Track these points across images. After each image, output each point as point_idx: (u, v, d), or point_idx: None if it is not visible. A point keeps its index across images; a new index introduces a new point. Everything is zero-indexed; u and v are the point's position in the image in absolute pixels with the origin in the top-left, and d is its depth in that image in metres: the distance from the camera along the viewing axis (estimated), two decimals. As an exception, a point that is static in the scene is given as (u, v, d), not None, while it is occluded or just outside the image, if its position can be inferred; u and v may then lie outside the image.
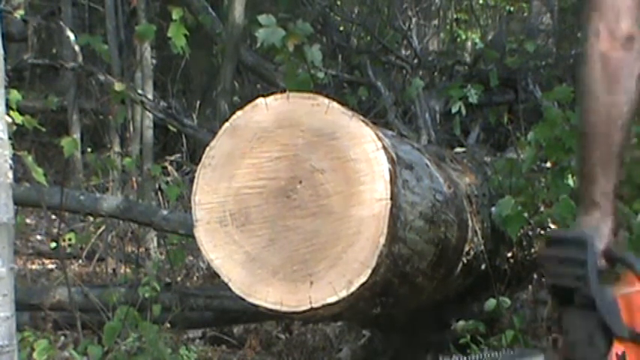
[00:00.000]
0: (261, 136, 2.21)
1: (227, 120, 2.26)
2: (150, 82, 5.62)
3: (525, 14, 8.08)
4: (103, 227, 4.69)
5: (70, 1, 6.41)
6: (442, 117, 4.82)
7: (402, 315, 2.86)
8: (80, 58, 5.57)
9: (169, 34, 3.60)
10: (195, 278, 4.50)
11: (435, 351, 3.25)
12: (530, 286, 3.43)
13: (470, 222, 2.84)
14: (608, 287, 1.54)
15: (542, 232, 3.15)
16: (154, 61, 5.89)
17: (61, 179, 3.91)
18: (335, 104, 2.20)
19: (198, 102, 6.59)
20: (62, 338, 3.68)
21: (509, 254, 3.25)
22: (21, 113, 3.33)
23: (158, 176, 4.86)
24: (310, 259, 2.13)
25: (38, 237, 5.72)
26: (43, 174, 3.07)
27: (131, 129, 5.52)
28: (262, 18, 3.21)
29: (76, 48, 5.55)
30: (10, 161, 1.81)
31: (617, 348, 1.53)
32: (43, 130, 3.54)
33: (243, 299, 2.17)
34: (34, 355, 3.05)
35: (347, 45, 5.93)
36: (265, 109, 2.22)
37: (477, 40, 7.49)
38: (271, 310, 2.16)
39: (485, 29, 8.18)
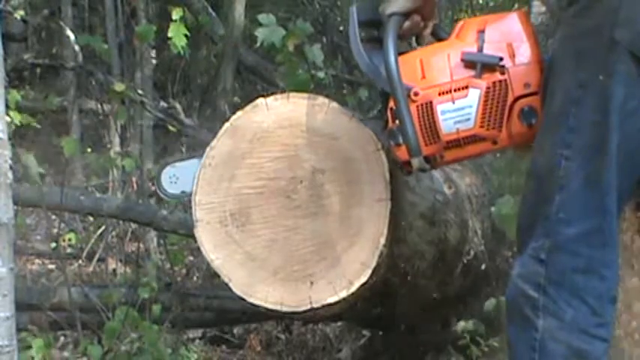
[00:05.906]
0: (262, 136, 2.21)
1: (227, 120, 2.26)
2: (150, 82, 5.61)
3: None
4: (103, 227, 4.68)
5: (70, 1, 6.40)
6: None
7: (402, 315, 2.85)
8: (80, 58, 5.57)
9: (169, 34, 3.61)
10: (195, 278, 4.49)
11: (435, 351, 3.24)
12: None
13: (470, 222, 2.83)
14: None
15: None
16: (154, 61, 5.88)
17: (61, 179, 3.89)
18: (335, 104, 2.21)
19: (198, 102, 6.58)
20: (62, 338, 3.68)
21: (509, 254, 3.25)
22: (20, 112, 3.33)
23: (158, 176, 4.85)
24: (310, 259, 2.14)
25: (38, 237, 5.71)
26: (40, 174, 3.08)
27: (131, 129, 5.51)
28: (262, 17, 3.21)
29: (76, 48, 5.55)
30: (10, 161, 1.81)
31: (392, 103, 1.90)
32: (39, 126, 3.53)
33: (244, 299, 2.17)
34: (30, 353, 3.05)
35: (347, 45, 5.92)
36: (265, 109, 2.22)
37: (477, 40, 7.47)
38: (272, 310, 2.16)
39: (485, 29, 8.15)
